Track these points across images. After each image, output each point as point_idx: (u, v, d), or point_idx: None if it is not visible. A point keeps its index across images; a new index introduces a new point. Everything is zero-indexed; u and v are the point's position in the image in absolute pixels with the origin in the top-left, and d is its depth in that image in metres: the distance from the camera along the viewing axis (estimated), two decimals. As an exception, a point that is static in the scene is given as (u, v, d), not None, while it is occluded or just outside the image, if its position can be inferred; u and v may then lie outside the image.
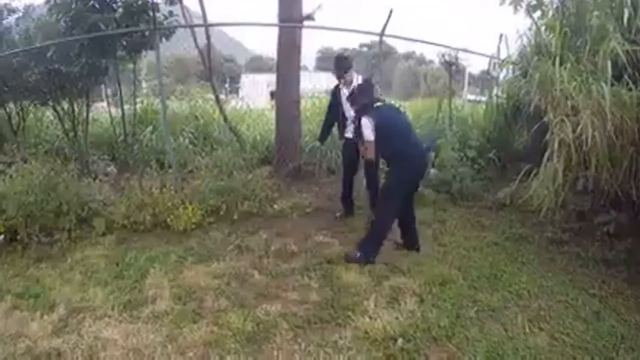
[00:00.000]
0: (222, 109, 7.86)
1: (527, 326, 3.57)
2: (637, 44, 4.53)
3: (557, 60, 4.72)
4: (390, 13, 6.53)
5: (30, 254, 5.09)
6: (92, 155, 8.07)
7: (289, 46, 7.29)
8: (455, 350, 3.32)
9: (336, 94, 5.87)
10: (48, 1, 6.94)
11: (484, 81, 10.91)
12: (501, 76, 8.02)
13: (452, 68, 8.82)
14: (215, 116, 9.39)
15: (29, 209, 5.25)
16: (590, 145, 4.17)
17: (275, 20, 7.24)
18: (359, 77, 5.60)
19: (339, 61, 5.67)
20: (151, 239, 5.46)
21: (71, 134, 7.93)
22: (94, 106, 8.62)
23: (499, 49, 7.37)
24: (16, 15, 7.78)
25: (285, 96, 7.43)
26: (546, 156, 4.54)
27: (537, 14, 6.41)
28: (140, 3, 6.78)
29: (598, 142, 4.20)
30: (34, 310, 3.95)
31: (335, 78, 5.81)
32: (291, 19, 7.06)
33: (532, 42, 6.49)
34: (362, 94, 4.82)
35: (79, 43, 6.73)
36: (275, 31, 7.30)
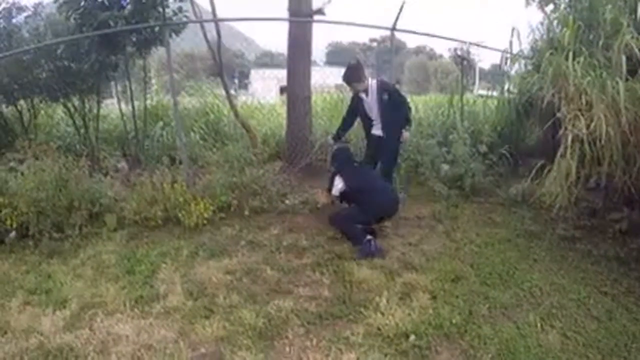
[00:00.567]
0: (233, 104, 7.82)
1: (539, 324, 3.53)
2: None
3: (570, 54, 4.63)
4: (402, 7, 6.47)
5: (42, 249, 5.11)
6: (102, 151, 8.09)
7: (299, 41, 7.23)
8: (468, 347, 3.29)
9: (356, 100, 5.88)
10: (57, -1, 6.93)
11: (495, 76, 10.85)
12: (513, 71, 7.92)
13: (464, 63, 8.77)
14: (226, 112, 9.37)
15: (40, 205, 5.28)
16: (604, 142, 4.09)
17: (285, 15, 7.19)
18: (374, 81, 5.64)
19: (349, 73, 5.64)
20: (162, 235, 5.47)
21: (82, 130, 7.99)
22: (104, 103, 8.64)
23: (511, 43, 7.25)
24: (25, 14, 7.83)
25: (296, 91, 7.37)
26: (559, 152, 4.44)
27: (550, 7, 6.41)
28: (149, -1, 6.77)
29: (612, 138, 4.12)
30: (45, 306, 3.98)
31: (350, 89, 5.89)
32: (301, 14, 7.00)
33: (545, 37, 6.42)
34: (336, 159, 5.68)
35: (89, 40, 6.77)
36: (286, 26, 7.26)
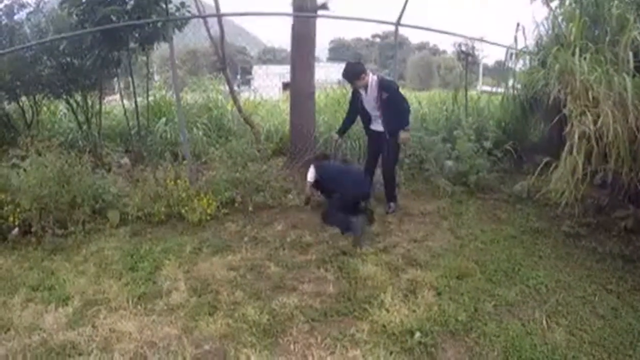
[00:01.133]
0: (237, 100, 7.79)
1: (545, 321, 3.50)
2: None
3: (577, 50, 4.59)
4: (406, 1, 6.42)
5: (45, 246, 5.09)
6: (105, 147, 8.07)
7: (303, 36, 7.19)
8: (473, 344, 3.26)
9: (356, 95, 5.89)
10: (59, -5, 6.88)
11: (499, 72, 10.79)
12: (518, 67, 7.86)
13: (468, 59, 8.72)
14: (229, 107, 9.35)
15: (43, 201, 5.25)
16: (611, 138, 4.05)
17: (289, 10, 7.14)
18: (374, 78, 5.61)
19: (349, 70, 5.64)
20: (165, 231, 5.45)
21: (84, 126, 7.97)
22: (106, 99, 8.63)
23: (515, 39, 7.20)
24: (27, 10, 7.84)
25: (300, 87, 7.33)
26: (566, 149, 4.40)
27: (555, 3, 6.34)
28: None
29: (619, 134, 4.07)
30: (48, 303, 3.95)
31: (351, 86, 5.88)
32: (305, 9, 6.95)
33: (550, 32, 6.37)
34: (319, 159, 6.17)
35: (91, 36, 6.73)
36: (289, 22, 7.21)
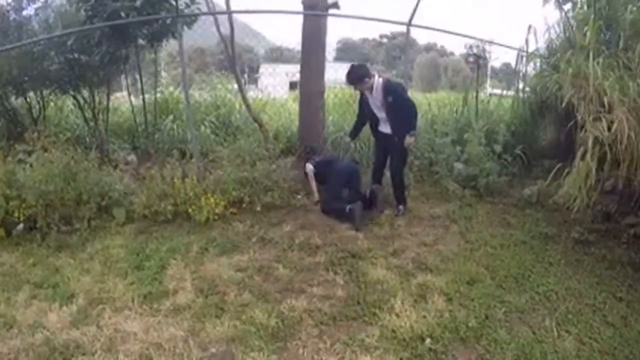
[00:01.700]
0: (246, 98, 7.72)
1: (555, 329, 3.48)
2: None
3: (591, 54, 4.57)
4: (418, 2, 6.36)
5: (50, 243, 5.05)
6: (112, 144, 8.04)
7: (313, 35, 7.10)
8: (484, 352, 3.23)
9: (363, 98, 5.85)
10: (68, -9, 6.83)
11: (506, 74, 10.72)
12: (528, 70, 7.88)
13: (480, 61, 8.64)
14: (237, 105, 9.29)
15: (48, 197, 5.21)
16: (624, 144, 4.03)
17: (299, 9, 7.07)
18: (379, 81, 5.53)
19: (351, 73, 5.60)
20: (172, 230, 5.38)
21: (91, 122, 7.94)
22: (113, 96, 8.60)
23: (527, 41, 7.18)
24: (36, 5, 7.81)
25: (310, 86, 7.26)
26: (579, 154, 4.36)
27: (568, 5, 6.31)
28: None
29: (633, 141, 4.06)
30: (52, 301, 3.93)
31: (354, 88, 5.89)
32: (316, 7, 6.87)
33: (562, 36, 6.38)
34: (309, 153, 6.55)
35: (99, 32, 6.69)
36: (296, 21, 7.14)
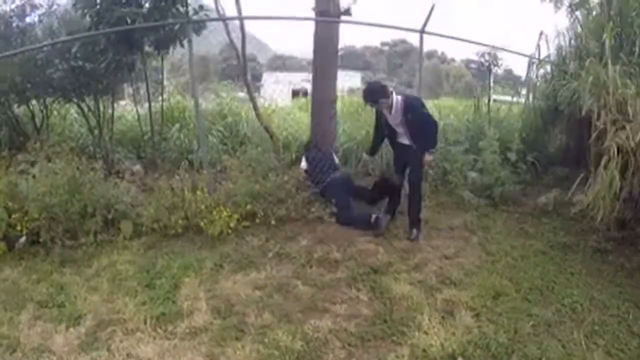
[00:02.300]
0: (257, 107, 7.54)
1: (583, 342, 3.46)
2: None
3: (610, 62, 4.69)
4: (432, 9, 6.24)
5: (54, 257, 4.88)
6: (117, 153, 7.91)
7: (325, 42, 6.96)
8: (516, 369, 3.20)
9: (380, 116, 5.70)
10: (73, -4, 6.76)
11: (508, 81, 10.70)
12: (539, 76, 7.86)
13: (490, 68, 8.57)
14: (243, 114, 9.16)
15: (52, 210, 5.06)
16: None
17: (311, 15, 6.92)
18: (398, 99, 5.38)
19: (370, 92, 5.48)
20: (183, 244, 5.17)
21: (96, 131, 7.80)
22: (117, 104, 8.48)
23: (538, 47, 7.26)
24: (39, 12, 7.70)
25: (321, 94, 7.09)
26: (602, 163, 4.43)
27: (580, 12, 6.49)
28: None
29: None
30: (58, 322, 3.76)
31: (371, 106, 5.72)
32: (328, 14, 6.73)
33: (575, 43, 6.53)
34: (310, 148, 6.65)
35: (105, 38, 6.58)
36: (300, 30, 7.02)
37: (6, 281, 4.47)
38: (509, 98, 9.30)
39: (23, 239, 5.08)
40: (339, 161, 6.75)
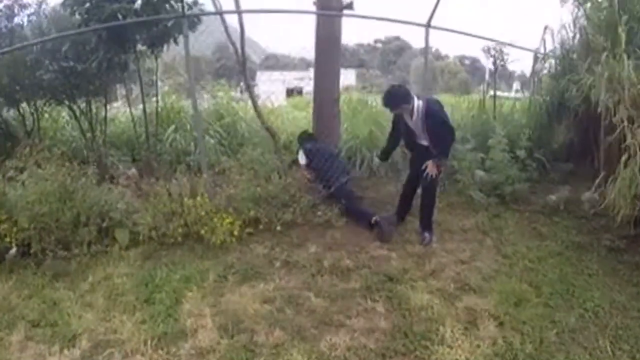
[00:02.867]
0: (257, 105, 7.30)
1: (609, 348, 3.38)
2: None
3: (625, 57, 4.66)
4: (437, 3, 5.99)
5: (46, 270, 4.59)
6: (111, 156, 7.77)
7: (328, 38, 6.87)
8: (546, 380, 3.13)
9: (398, 120, 5.49)
10: (62, -7, 6.63)
11: (503, 76, 10.64)
12: (543, 71, 7.95)
13: (496, 63, 8.46)
14: (241, 114, 9.01)
15: (43, 219, 4.80)
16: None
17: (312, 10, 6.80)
18: (419, 103, 5.16)
19: (392, 96, 5.22)
20: (183, 254, 4.91)
21: (88, 134, 7.68)
22: (110, 105, 8.35)
23: (544, 41, 7.29)
24: (28, 11, 7.57)
25: (324, 92, 6.99)
26: (622, 161, 4.41)
27: (588, 5, 6.39)
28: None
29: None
30: (51, 343, 3.51)
31: (391, 111, 5.47)
32: (331, 8, 6.62)
33: (579, 36, 6.55)
34: (304, 140, 6.56)
35: (96, 37, 6.43)
36: (294, 27, 6.95)
37: (-4, 297, 4.22)
38: (506, 94, 9.25)
39: (13, 251, 4.83)
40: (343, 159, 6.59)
